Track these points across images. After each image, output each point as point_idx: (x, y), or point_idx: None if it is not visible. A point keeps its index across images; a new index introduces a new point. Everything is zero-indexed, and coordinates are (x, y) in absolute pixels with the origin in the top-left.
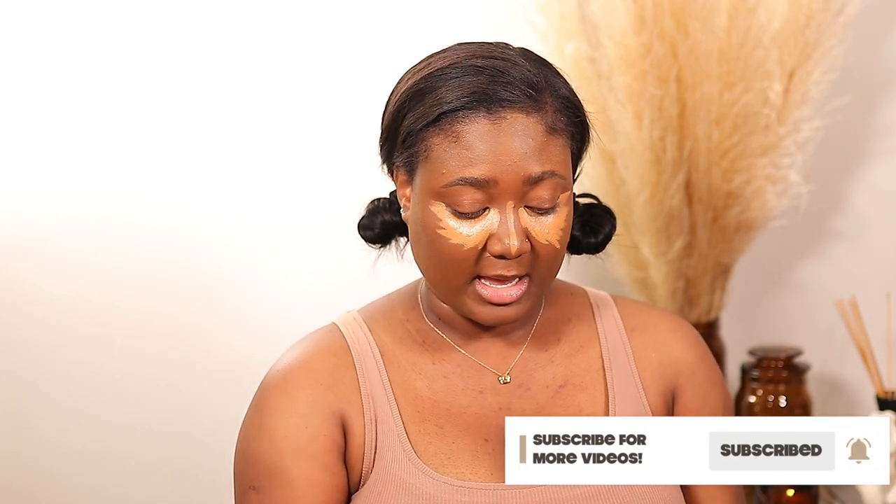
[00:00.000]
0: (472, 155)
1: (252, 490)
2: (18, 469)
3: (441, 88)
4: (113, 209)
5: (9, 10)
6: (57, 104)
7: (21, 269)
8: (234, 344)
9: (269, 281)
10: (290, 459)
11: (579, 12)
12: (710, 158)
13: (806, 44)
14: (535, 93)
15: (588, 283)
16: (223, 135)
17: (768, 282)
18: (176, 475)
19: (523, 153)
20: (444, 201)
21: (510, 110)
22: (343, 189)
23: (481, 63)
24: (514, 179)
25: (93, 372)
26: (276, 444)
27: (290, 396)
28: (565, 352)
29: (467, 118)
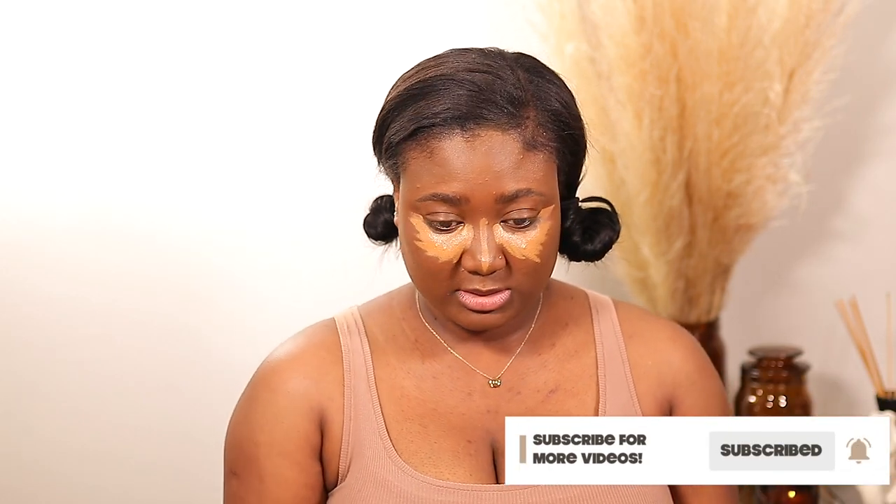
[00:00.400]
0: (444, 172)
1: (233, 475)
2: (18, 469)
3: (421, 102)
4: (113, 209)
5: (9, 11)
6: (57, 105)
7: (21, 269)
8: (233, 344)
9: (269, 281)
10: (264, 453)
11: (579, 12)
12: (710, 158)
13: (806, 44)
14: (514, 109)
15: (588, 283)
16: (223, 136)
17: (768, 282)
18: (176, 475)
19: (496, 172)
20: (420, 213)
21: (485, 128)
22: (343, 190)
23: (465, 77)
24: (486, 197)
25: (93, 372)
26: (254, 436)
27: (273, 390)
28: (559, 356)
29: (442, 135)
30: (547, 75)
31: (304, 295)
